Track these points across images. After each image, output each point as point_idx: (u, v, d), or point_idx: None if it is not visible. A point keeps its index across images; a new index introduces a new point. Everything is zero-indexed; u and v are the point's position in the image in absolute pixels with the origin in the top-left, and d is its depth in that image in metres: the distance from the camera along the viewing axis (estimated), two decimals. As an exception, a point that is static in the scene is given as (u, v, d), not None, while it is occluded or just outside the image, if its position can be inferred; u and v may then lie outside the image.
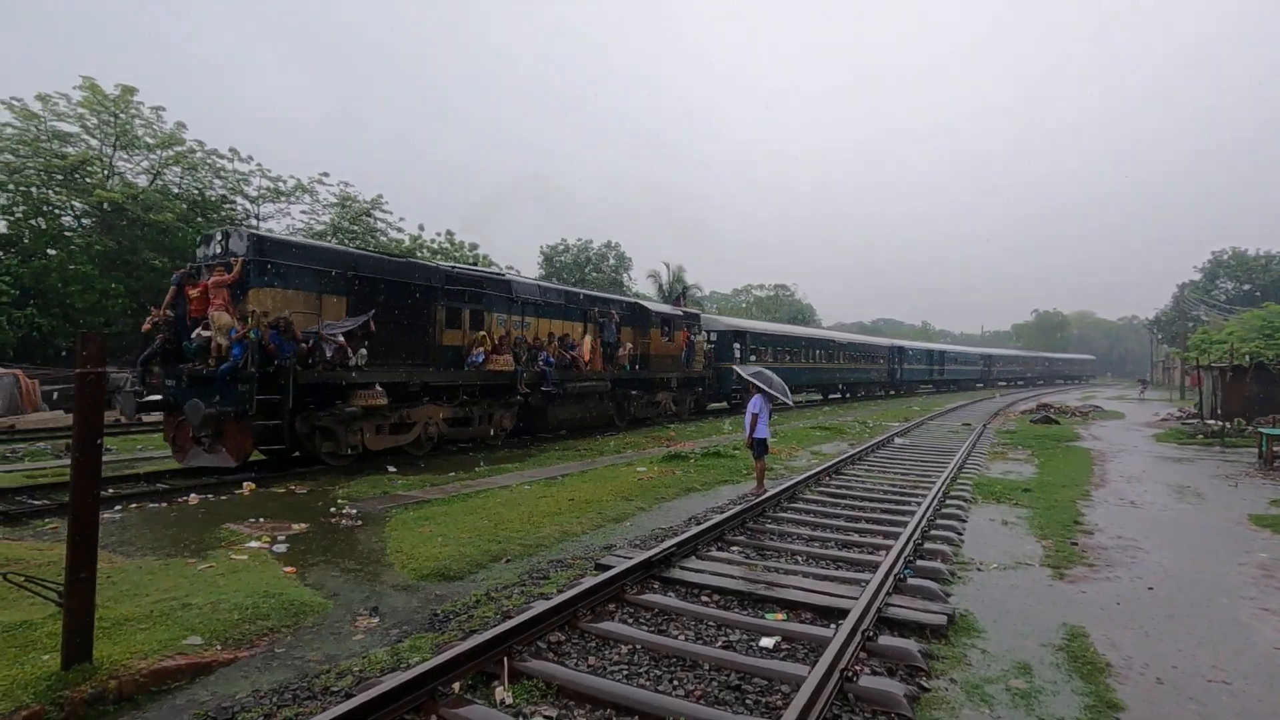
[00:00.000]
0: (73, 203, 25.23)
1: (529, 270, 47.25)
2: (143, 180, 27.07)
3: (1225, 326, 26.70)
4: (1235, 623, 4.73)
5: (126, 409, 10.07)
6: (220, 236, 10.34)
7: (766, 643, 4.20)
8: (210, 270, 9.97)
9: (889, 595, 4.92)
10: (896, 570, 5.36)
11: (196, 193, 28.37)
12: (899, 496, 8.81)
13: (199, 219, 26.98)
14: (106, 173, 25.79)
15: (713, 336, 24.90)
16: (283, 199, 32.40)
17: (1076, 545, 6.71)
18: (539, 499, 8.37)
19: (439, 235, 39.01)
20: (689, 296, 45.32)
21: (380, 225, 35.54)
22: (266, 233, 11.28)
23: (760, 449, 9.04)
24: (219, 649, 4.04)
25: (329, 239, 30.31)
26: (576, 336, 16.16)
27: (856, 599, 4.61)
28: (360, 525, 7.18)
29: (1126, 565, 6.08)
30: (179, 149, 27.30)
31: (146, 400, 10.11)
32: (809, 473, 9.96)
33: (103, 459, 3.82)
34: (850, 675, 3.63)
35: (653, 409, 19.38)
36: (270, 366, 9.41)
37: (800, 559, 6.06)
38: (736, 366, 19.30)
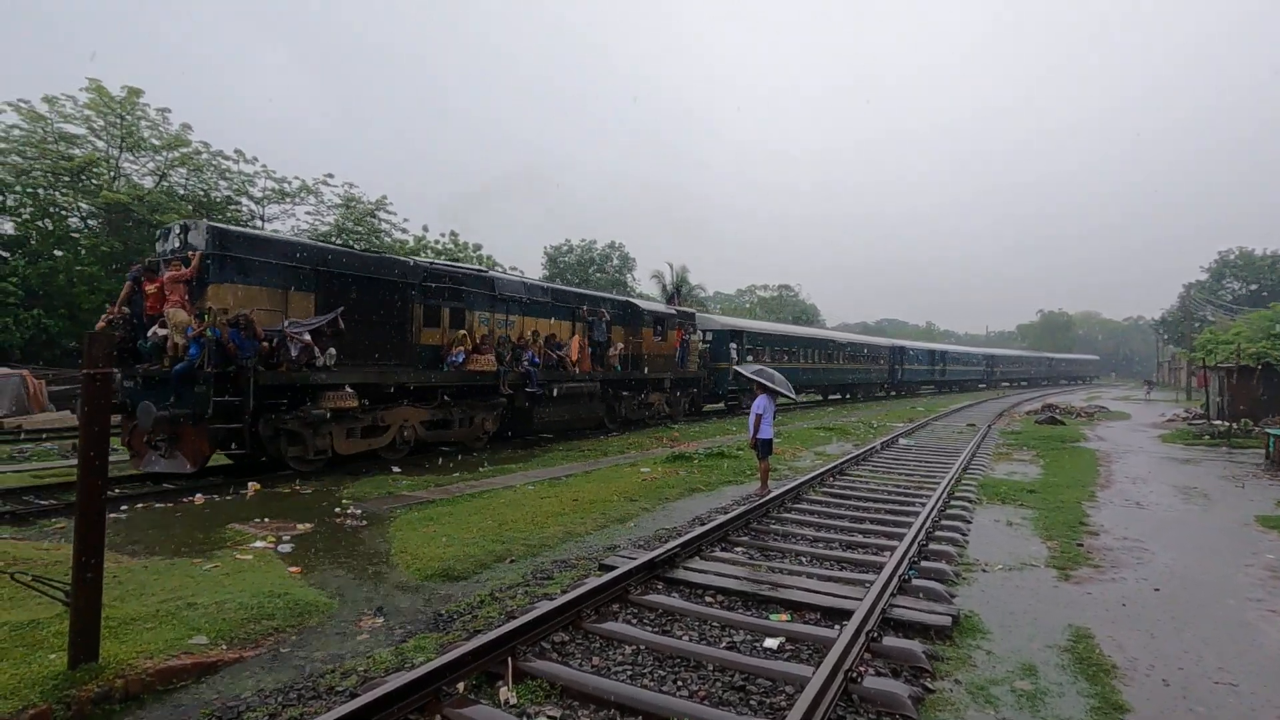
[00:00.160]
0: (79, 204, 25.35)
1: (533, 270, 47.35)
2: (148, 182, 27.19)
3: (1232, 327, 26.59)
4: (1242, 624, 4.71)
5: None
6: (179, 229, 9.84)
7: (771, 643, 4.19)
8: (168, 265, 9.52)
9: (893, 596, 4.91)
10: (901, 571, 5.35)
11: (202, 194, 28.48)
12: (903, 497, 8.80)
13: (204, 220, 27.04)
14: (112, 174, 25.92)
15: (708, 336, 24.20)
16: (288, 200, 32.49)
17: (1082, 546, 6.68)
18: (543, 499, 8.38)
19: (443, 236, 39.09)
20: (684, 295, 45.26)
21: (385, 226, 35.61)
22: (227, 225, 10.79)
23: (764, 449, 9.06)
24: (224, 648, 4.06)
25: (334, 240, 30.36)
26: (564, 336, 15.65)
27: (861, 600, 4.60)
28: (365, 525, 7.20)
29: (1132, 566, 6.05)
30: (184, 150, 27.42)
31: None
32: (813, 473, 9.95)
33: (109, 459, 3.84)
34: (855, 676, 3.62)
35: (645, 411, 18.85)
36: (230, 367, 8.94)
37: (804, 559, 6.06)
38: (737, 366, 19.19)
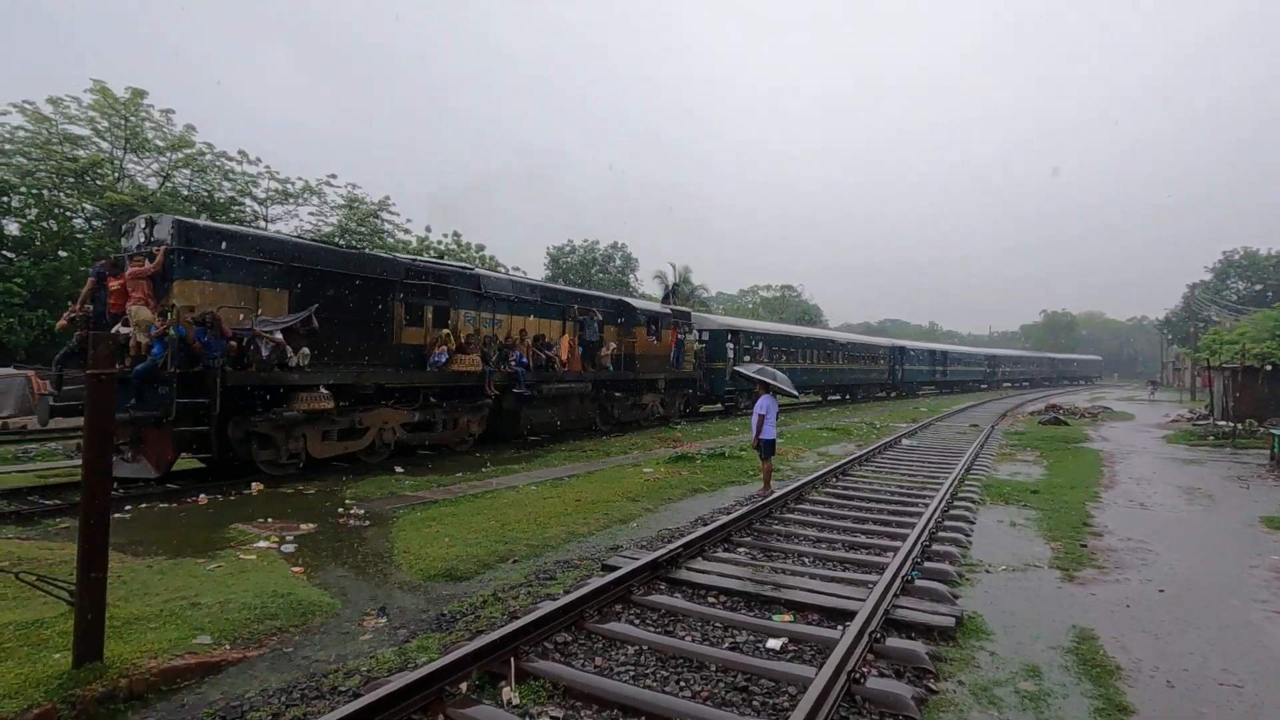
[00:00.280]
0: (84, 205, 25.41)
1: (535, 270, 47.37)
2: (153, 183, 27.28)
3: (1237, 327, 26.55)
4: (1247, 625, 4.69)
5: (40, 414, 9.08)
6: (144, 224, 9.41)
7: (773, 644, 4.19)
8: (132, 261, 9.15)
9: (896, 597, 4.90)
10: (904, 572, 5.34)
11: (206, 195, 28.57)
12: (906, 498, 8.78)
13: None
14: (117, 175, 25.99)
15: (704, 335, 23.71)
16: (291, 201, 32.57)
17: (1086, 547, 6.66)
18: (545, 499, 8.38)
19: (445, 236, 39.14)
20: (687, 295, 45.26)
21: (387, 227, 35.68)
22: (195, 219, 10.28)
23: (767, 450, 9.08)
24: (228, 648, 4.07)
25: (337, 240, 30.42)
26: (554, 335, 15.36)
27: (864, 601, 4.59)
28: (368, 525, 7.21)
29: (1136, 567, 6.03)
30: (188, 151, 27.50)
31: (62, 404, 8.89)
32: (816, 474, 9.94)
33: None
34: (858, 677, 3.62)
35: (639, 412, 18.43)
36: (195, 367, 8.57)
37: (807, 560, 6.05)
38: (738, 366, 19.08)
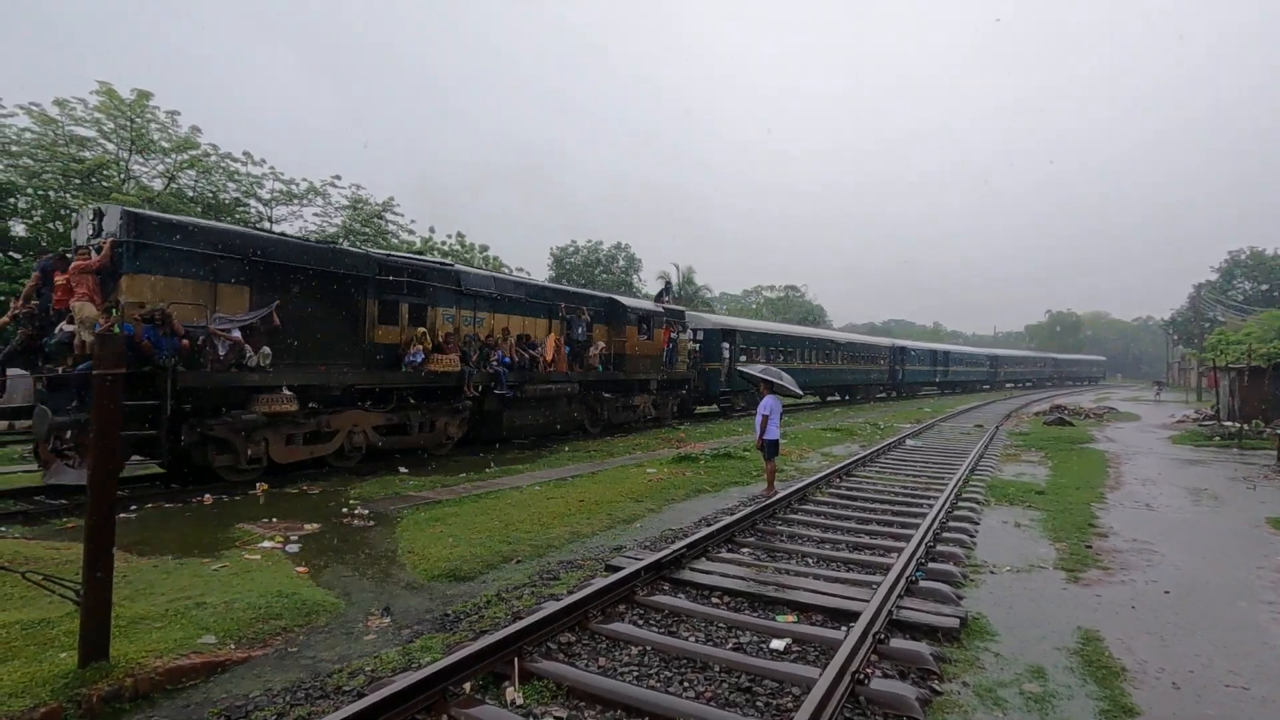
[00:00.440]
0: (89, 206, 25.55)
1: (538, 271, 47.38)
2: (158, 184, 27.36)
3: (1243, 327, 26.41)
4: (1254, 627, 4.67)
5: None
6: (92, 214, 8.82)
7: (777, 645, 4.19)
8: (78, 254, 8.66)
9: (901, 598, 4.89)
10: (908, 572, 5.33)
11: (211, 196, 28.67)
12: (910, 498, 8.77)
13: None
14: (123, 177, 26.10)
15: (699, 335, 23.01)
16: (295, 201, 32.67)
17: (1091, 548, 6.64)
18: (549, 500, 8.39)
19: (449, 237, 39.18)
20: (690, 295, 45.21)
21: (391, 227, 35.74)
22: (144, 210, 9.66)
23: (771, 450, 9.08)
24: (233, 648, 4.08)
25: (342, 241, 30.51)
26: (539, 334, 14.77)
27: (868, 601, 4.59)
28: (372, 526, 7.23)
29: (1142, 568, 6.01)
30: (193, 153, 27.61)
31: (4, 406, 8.31)
32: (820, 474, 9.93)
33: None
34: (861, 678, 3.61)
35: (629, 413, 17.78)
36: (144, 367, 8.07)
37: (811, 561, 6.04)
38: (741, 366, 18.97)
